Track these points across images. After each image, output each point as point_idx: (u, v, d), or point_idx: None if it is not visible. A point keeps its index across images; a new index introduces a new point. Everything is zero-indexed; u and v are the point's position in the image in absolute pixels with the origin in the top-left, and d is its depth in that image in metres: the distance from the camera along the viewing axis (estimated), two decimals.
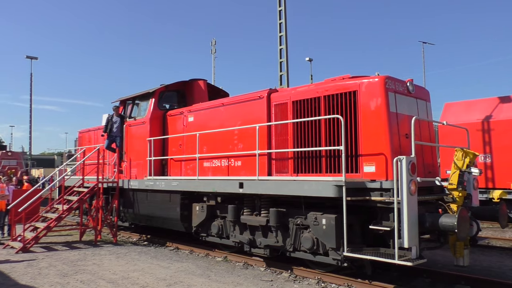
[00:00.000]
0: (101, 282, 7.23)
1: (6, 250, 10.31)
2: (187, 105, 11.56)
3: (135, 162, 11.91)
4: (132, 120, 12.19)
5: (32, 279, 7.45)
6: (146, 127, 11.45)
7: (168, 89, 11.95)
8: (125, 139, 12.33)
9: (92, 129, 15.22)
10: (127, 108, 12.61)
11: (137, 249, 10.42)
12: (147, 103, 11.72)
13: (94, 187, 11.70)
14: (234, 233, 8.93)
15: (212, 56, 36.12)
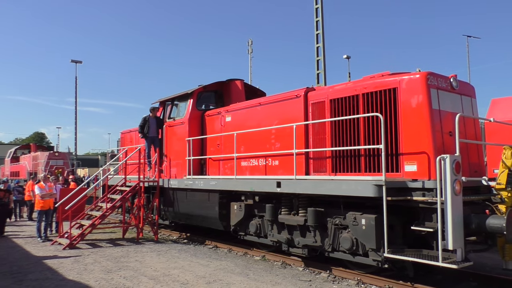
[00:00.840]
0: (143, 278, 7.44)
1: (54, 246, 10.81)
2: (224, 105, 11.68)
3: (174, 161, 12.16)
4: (172, 120, 12.45)
5: (79, 274, 7.77)
6: (185, 127, 11.66)
7: (206, 89, 12.12)
8: (165, 139, 12.62)
9: (133, 130, 15.66)
10: (167, 109, 12.89)
11: (177, 247, 10.63)
12: (186, 103, 11.94)
13: (135, 186, 12.05)
14: (272, 232, 8.94)
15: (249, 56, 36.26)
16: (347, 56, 33.38)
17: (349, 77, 31.63)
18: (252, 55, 36.11)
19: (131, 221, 12.61)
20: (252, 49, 36.04)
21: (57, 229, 12.57)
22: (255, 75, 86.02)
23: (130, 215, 12.94)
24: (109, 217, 14.07)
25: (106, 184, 12.78)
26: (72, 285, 7.03)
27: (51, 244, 11.03)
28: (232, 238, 10.70)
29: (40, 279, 7.39)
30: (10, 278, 7.50)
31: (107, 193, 12.47)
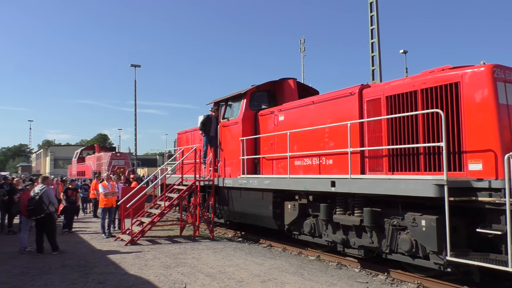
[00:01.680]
0: (200, 275, 7.62)
1: (117, 242, 11.36)
2: (277, 104, 11.68)
3: (229, 161, 12.35)
4: (226, 120, 12.65)
5: (139, 269, 8.11)
6: (238, 127, 11.81)
7: (259, 89, 12.19)
8: (220, 139, 12.85)
9: (189, 130, 16.11)
10: (221, 109, 13.12)
11: (232, 245, 10.79)
12: (239, 104, 12.08)
13: (191, 185, 12.38)
14: (327, 232, 8.81)
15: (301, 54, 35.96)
16: (404, 51, 32.12)
17: (406, 72, 30.43)
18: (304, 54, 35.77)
19: (188, 219, 12.97)
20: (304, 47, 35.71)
21: (119, 226, 13.21)
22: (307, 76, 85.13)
23: (187, 213, 13.31)
24: (167, 215, 14.56)
25: (164, 183, 13.24)
26: (133, 279, 7.36)
27: (114, 240, 11.61)
28: (286, 237, 10.69)
29: (104, 273, 7.80)
30: (77, 271, 7.99)
31: (165, 192, 12.92)
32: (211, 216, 12.77)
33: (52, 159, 75.56)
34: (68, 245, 10.70)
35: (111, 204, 12.72)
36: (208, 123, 12.73)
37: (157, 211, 12.15)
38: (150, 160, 65.96)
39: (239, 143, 11.45)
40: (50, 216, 9.80)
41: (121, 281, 7.22)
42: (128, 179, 17.80)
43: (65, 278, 7.50)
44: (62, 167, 67.71)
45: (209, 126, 12.71)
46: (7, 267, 8.44)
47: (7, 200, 13.36)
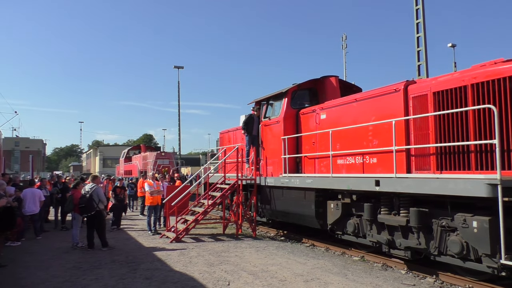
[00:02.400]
0: (243, 273, 7.68)
1: (163, 239, 11.67)
2: (319, 102, 11.55)
3: (270, 160, 12.37)
4: (267, 119, 12.67)
5: (184, 266, 8.29)
6: (280, 126, 11.79)
7: (300, 88, 12.11)
8: (261, 138, 12.89)
9: (231, 130, 16.27)
10: (262, 108, 13.15)
11: (275, 244, 10.79)
12: (281, 102, 12.06)
13: (234, 184, 12.50)
14: (371, 232, 8.62)
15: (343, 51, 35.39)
16: (452, 45, 30.82)
17: (455, 67, 29.18)
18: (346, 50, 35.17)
19: (231, 218, 13.11)
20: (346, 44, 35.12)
21: (164, 223, 13.56)
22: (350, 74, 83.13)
23: (229, 211, 13.46)
24: (210, 213, 14.79)
25: (207, 182, 13.45)
26: (179, 276, 7.53)
27: (160, 237, 11.93)
28: (329, 237, 10.56)
29: (151, 269, 8.04)
30: (126, 267, 8.29)
31: (208, 191, 13.12)
32: (254, 214, 12.83)
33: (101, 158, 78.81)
34: (117, 242, 11.11)
35: (156, 202, 13.08)
36: (250, 122, 12.81)
37: (201, 210, 12.36)
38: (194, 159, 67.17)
39: (280, 142, 11.43)
40: (99, 214, 10.23)
41: (167, 277, 7.41)
42: (172, 178, 18.25)
43: (114, 273, 7.80)
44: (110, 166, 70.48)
45: (251, 125, 12.79)
46: (61, 261, 8.90)
47: (60, 198, 14.08)
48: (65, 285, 7.00)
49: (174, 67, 36.33)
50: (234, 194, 13.14)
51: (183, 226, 11.90)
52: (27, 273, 7.84)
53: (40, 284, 7.09)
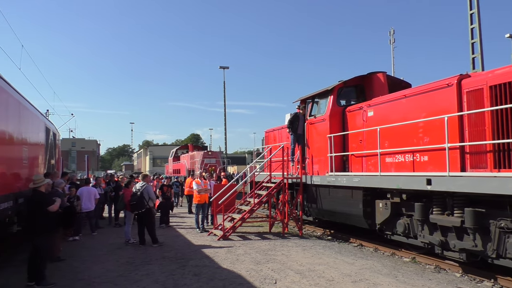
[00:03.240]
0: (289, 272, 7.67)
1: (210, 237, 11.89)
2: (366, 99, 11.29)
3: (316, 158, 12.24)
4: (313, 118, 12.55)
5: (232, 264, 8.39)
6: (326, 124, 11.64)
7: (346, 85, 11.90)
8: (307, 136, 12.80)
9: (276, 129, 16.27)
10: (307, 106, 13.04)
11: (321, 243, 10.68)
12: (326, 100, 11.90)
13: (280, 183, 12.49)
14: (423, 233, 8.31)
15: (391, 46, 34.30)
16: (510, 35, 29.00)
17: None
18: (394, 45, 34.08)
19: (277, 216, 13.11)
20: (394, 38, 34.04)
21: (212, 221, 13.79)
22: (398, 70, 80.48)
23: (275, 210, 13.47)
24: (257, 211, 14.89)
25: (253, 180, 13.53)
26: (226, 273, 7.64)
27: (207, 235, 12.16)
28: (378, 237, 10.30)
29: (199, 266, 8.21)
30: (175, 263, 8.52)
31: (254, 189, 13.20)
32: (300, 213, 12.77)
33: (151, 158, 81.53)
34: (166, 238, 11.44)
35: (204, 200, 13.31)
36: (296, 121, 12.75)
37: (247, 208, 12.46)
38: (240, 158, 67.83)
39: (326, 140, 11.28)
40: (149, 211, 10.58)
41: (215, 274, 7.53)
42: (219, 176, 18.52)
43: (164, 268, 8.04)
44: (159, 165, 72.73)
45: (296, 124, 12.73)
46: (115, 256, 9.29)
47: (114, 196, 14.70)
48: (119, 280, 7.30)
49: (219, 68, 36.85)
50: (280, 192, 13.13)
51: (230, 224, 12.04)
52: (84, 267, 8.26)
53: (97, 278, 7.44)
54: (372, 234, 10.73)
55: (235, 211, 13.28)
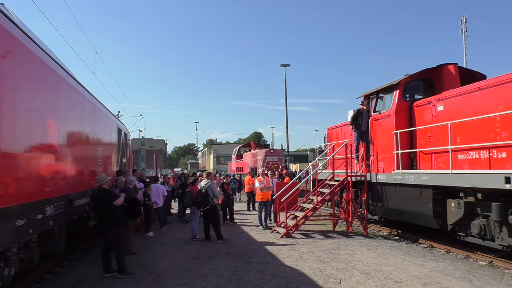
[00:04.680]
0: (354, 272, 7.49)
1: (273, 234, 11.94)
2: (435, 93, 10.72)
3: (381, 155, 11.84)
4: (377, 114, 12.15)
5: (295, 261, 8.37)
6: (391, 120, 11.21)
7: (413, 78, 11.37)
8: (371, 133, 12.42)
9: (339, 126, 15.96)
10: (371, 102, 12.65)
11: (388, 243, 10.32)
12: (392, 95, 11.46)
13: (343, 181, 12.24)
14: (501, 235, 7.73)
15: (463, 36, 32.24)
16: None
17: None
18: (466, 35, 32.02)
19: (341, 215, 12.87)
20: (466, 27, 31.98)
21: (275, 219, 13.85)
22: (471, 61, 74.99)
23: (339, 208, 13.22)
24: (320, 210, 14.72)
25: (316, 178, 13.40)
26: (290, 271, 7.63)
27: (270, 232, 12.22)
28: (449, 238, 9.75)
29: (263, 263, 8.27)
30: (239, 259, 8.66)
31: (317, 187, 13.06)
32: (365, 212, 12.43)
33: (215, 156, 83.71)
34: (231, 235, 11.67)
35: (266, 198, 13.41)
36: (359, 117, 12.42)
37: (310, 206, 12.36)
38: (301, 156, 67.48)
39: (392, 136, 10.87)
40: (214, 208, 10.86)
41: (278, 272, 7.55)
42: (281, 174, 18.55)
43: (229, 264, 8.20)
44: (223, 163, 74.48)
45: (360, 120, 12.40)
46: (182, 251, 9.65)
47: (181, 193, 15.27)
48: (186, 274, 7.56)
49: (280, 66, 36.86)
50: (344, 190, 12.87)
51: (293, 222, 12.02)
52: (154, 260, 8.66)
53: (165, 271, 7.77)
54: (443, 235, 10.17)
55: (298, 209, 13.22)
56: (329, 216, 13.63)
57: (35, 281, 7.21)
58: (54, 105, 6.93)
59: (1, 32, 4.88)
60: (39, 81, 6.23)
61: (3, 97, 4.89)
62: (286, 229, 11.55)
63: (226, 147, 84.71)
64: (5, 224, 4.90)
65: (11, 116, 5.11)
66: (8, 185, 5.00)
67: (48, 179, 6.59)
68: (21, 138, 5.46)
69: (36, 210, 5.93)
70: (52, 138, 6.79)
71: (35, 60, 6.06)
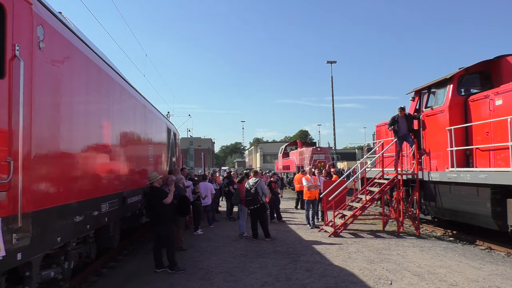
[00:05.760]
0: (406, 273, 7.25)
1: (321, 233, 11.81)
2: (493, 87, 10.14)
3: (434, 153, 11.37)
4: (429, 110, 11.67)
5: (343, 261, 8.23)
6: (444, 115, 10.73)
7: (468, 72, 10.82)
8: (422, 130, 11.96)
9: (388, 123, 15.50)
10: (423, 98, 12.17)
11: (442, 245, 9.89)
12: (445, 90, 10.97)
13: (393, 179, 11.88)
14: None
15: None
16: None
17: None
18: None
19: (391, 214, 12.51)
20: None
21: (322, 218, 13.70)
22: None
23: (389, 208, 12.86)
24: (369, 209, 14.38)
25: (364, 176, 13.11)
26: (338, 270, 7.51)
27: (318, 231, 12.10)
28: (510, 240, 9.19)
29: (310, 262, 8.21)
30: (287, 257, 8.65)
31: (365, 186, 12.77)
32: (417, 212, 11.99)
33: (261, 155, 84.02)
34: (278, 233, 11.68)
35: (314, 196, 13.28)
36: (395, 124, 12.05)
37: (358, 205, 12.11)
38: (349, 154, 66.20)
39: (445, 133, 10.40)
40: (263, 206, 10.91)
41: (326, 271, 7.46)
42: (329, 172, 18.31)
43: (277, 262, 8.21)
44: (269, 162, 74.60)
45: (396, 126, 12.02)
46: (230, 248, 9.78)
47: (228, 191, 15.48)
48: (235, 271, 7.66)
49: (327, 62, 36.33)
50: (394, 189, 12.49)
51: (341, 221, 11.83)
52: (203, 257, 8.84)
53: (214, 268, 7.91)
54: (502, 237, 9.61)
55: (346, 207, 13.00)
56: (378, 215, 13.27)
57: (93, 274, 7.60)
58: (108, 107, 7.25)
59: (60, 40, 5.16)
60: (94, 84, 6.54)
61: (62, 100, 5.18)
62: (334, 228, 11.38)
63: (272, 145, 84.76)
64: (65, 220, 5.19)
65: (69, 118, 5.39)
66: (67, 183, 5.29)
67: (103, 178, 6.90)
68: (78, 139, 5.75)
69: (93, 207, 6.24)
70: (107, 139, 7.10)
71: (90, 65, 6.36)
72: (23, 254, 4.05)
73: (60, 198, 5.04)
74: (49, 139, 4.76)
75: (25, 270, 4.36)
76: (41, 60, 4.53)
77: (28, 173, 4.14)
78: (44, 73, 4.60)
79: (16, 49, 3.97)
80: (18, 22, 4.06)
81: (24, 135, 4.03)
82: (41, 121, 4.52)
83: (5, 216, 3.76)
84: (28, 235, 4.14)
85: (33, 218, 4.24)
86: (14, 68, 3.94)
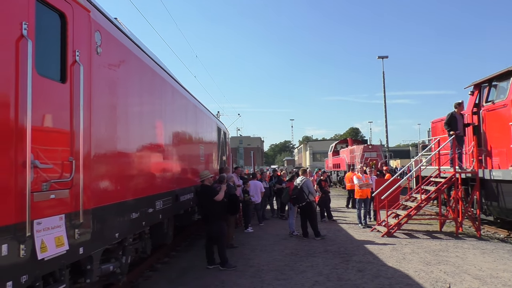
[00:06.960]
0: (466, 276, 6.89)
1: (373, 233, 11.51)
2: None
3: (496, 150, 10.71)
4: (490, 104, 11.01)
5: (398, 262, 7.97)
6: (508, 110, 10.08)
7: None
8: (483, 125, 11.30)
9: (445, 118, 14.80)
10: (483, 91, 11.50)
11: (506, 247, 9.31)
12: (508, 82, 10.29)
13: (451, 178, 11.33)
14: None
15: None
16: None
17: None
18: None
19: (448, 214, 11.95)
20: None
21: (375, 217, 13.36)
22: None
23: (446, 207, 12.29)
24: (424, 208, 13.83)
25: (419, 175, 12.61)
26: (392, 272, 7.29)
27: (370, 231, 11.81)
28: None
29: (363, 262, 8.02)
30: (338, 257, 8.51)
31: (421, 184, 12.28)
32: (477, 212, 11.36)
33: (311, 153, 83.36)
34: (329, 232, 11.53)
35: (365, 195, 12.98)
36: (452, 121, 11.40)
37: (413, 204, 11.68)
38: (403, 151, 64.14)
39: (509, 128, 9.76)
40: (310, 205, 10.81)
41: (379, 272, 7.26)
42: (381, 171, 17.80)
43: (327, 262, 8.11)
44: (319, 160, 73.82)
45: (454, 124, 11.38)
46: (280, 247, 9.78)
47: (277, 190, 15.49)
48: (285, 269, 7.65)
49: (378, 58, 35.34)
50: (451, 188, 11.91)
51: (395, 220, 11.47)
52: (254, 255, 8.91)
53: (265, 265, 7.95)
54: None
55: (400, 207, 12.57)
56: (435, 215, 12.70)
57: (148, 270, 7.89)
58: (161, 108, 7.49)
59: (115, 44, 5.39)
60: (148, 86, 6.77)
61: (118, 102, 5.41)
62: (388, 228, 11.05)
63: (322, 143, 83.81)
64: (122, 217, 5.42)
65: (125, 119, 5.63)
66: (124, 181, 5.52)
67: (157, 176, 7.14)
68: (133, 139, 5.99)
69: (148, 204, 6.47)
70: (160, 139, 7.34)
71: (144, 67, 6.60)
72: (84, 248, 4.28)
73: (118, 195, 5.27)
74: (107, 140, 5.00)
75: (86, 264, 4.60)
76: (99, 64, 4.76)
77: (88, 172, 4.37)
78: (101, 77, 4.84)
79: (76, 55, 4.20)
80: (78, 29, 4.28)
81: (84, 136, 4.25)
82: (99, 122, 4.75)
83: (68, 212, 3.99)
84: (89, 231, 4.38)
85: (93, 215, 4.48)
86: (75, 73, 4.17)
